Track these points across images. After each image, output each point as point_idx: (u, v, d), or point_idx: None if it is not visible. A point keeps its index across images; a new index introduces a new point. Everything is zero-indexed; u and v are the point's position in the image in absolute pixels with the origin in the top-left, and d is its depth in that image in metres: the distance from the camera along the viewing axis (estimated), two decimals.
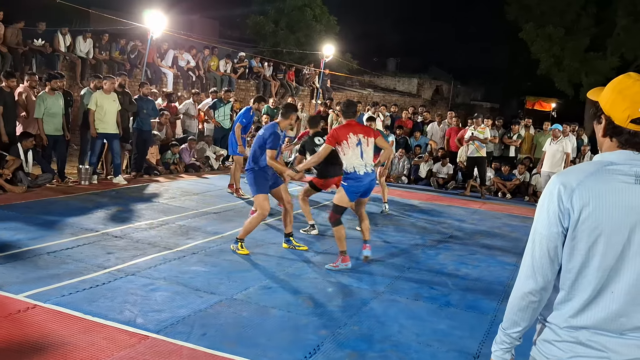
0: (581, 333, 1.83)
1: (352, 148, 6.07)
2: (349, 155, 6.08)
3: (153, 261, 5.91)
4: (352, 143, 6.07)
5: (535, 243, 1.90)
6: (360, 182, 6.12)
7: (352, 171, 6.10)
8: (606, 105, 1.87)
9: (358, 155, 6.08)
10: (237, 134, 9.85)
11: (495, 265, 6.96)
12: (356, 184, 6.12)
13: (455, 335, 4.63)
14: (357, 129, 6.23)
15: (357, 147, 6.08)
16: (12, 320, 4.20)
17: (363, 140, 6.14)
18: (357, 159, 6.08)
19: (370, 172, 6.18)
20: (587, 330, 1.83)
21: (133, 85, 13.97)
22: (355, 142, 6.08)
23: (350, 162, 6.08)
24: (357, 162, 6.08)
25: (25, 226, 6.79)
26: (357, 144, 6.09)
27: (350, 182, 6.13)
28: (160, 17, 13.57)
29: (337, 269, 6.15)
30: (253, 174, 6.45)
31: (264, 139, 6.36)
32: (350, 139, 6.07)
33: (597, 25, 26.76)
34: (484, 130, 12.43)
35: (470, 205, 11.37)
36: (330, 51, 21.29)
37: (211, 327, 4.38)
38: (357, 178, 6.10)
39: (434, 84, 35.66)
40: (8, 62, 11.97)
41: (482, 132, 12.36)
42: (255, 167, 6.44)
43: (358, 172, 6.08)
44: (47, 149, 9.71)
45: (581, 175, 1.83)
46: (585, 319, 1.83)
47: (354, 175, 6.09)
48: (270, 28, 24.63)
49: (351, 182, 6.12)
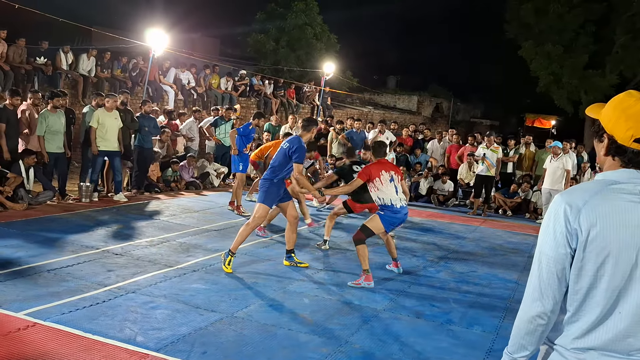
0: (589, 354, 1.80)
1: (386, 184, 6.38)
2: (384, 190, 6.37)
3: (153, 279, 5.89)
4: (385, 180, 6.39)
5: (542, 265, 1.87)
6: (398, 214, 6.41)
7: (389, 204, 6.36)
8: (608, 124, 1.86)
9: (393, 191, 6.39)
10: (232, 137, 10.29)
11: (497, 283, 6.93)
12: (394, 216, 6.41)
13: (458, 354, 4.60)
14: (388, 166, 6.59)
15: (390, 183, 6.41)
16: (11, 339, 4.18)
17: (395, 177, 6.48)
18: (393, 194, 6.37)
19: (405, 206, 6.50)
20: (595, 352, 1.80)
21: (134, 102, 14.04)
22: (388, 178, 6.41)
23: (387, 196, 6.36)
24: (393, 197, 6.37)
25: (26, 243, 6.79)
26: (390, 180, 6.41)
27: (388, 213, 6.39)
28: (162, 35, 13.68)
29: (359, 286, 6.21)
30: (268, 185, 6.54)
31: (288, 152, 6.49)
32: (382, 176, 6.40)
33: (596, 43, 26.92)
34: (497, 150, 12.41)
35: (471, 223, 11.36)
36: (331, 69, 21.41)
37: (212, 345, 4.36)
38: (395, 211, 6.39)
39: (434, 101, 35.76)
40: (10, 80, 12.04)
41: (495, 151, 12.32)
42: (273, 179, 6.53)
43: (395, 205, 6.36)
44: (48, 167, 9.73)
45: (586, 195, 1.81)
46: (593, 340, 1.80)
47: (392, 207, 6.37)
48: (271, 46, 24.78)
49: (389, 213, 6.39)
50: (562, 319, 1.88)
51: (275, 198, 6.62)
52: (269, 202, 6.56)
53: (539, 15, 26.81)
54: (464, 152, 14.09)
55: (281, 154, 6.55)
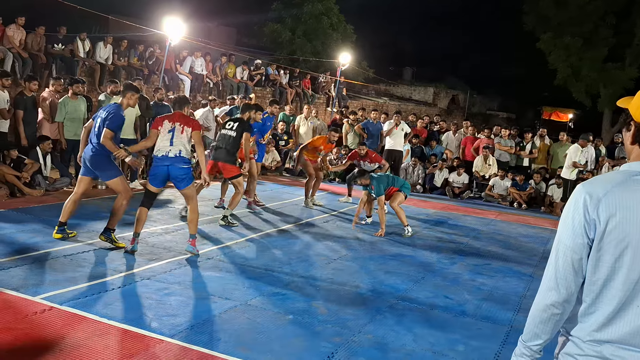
0: (605, 347, 1.78)
1: (164, 134, 6.39)
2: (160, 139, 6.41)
3: (168, 266, 5.93)
4: (164, 129, 6.42)
5: (559, 254, 1.85)
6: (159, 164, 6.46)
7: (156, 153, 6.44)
8: (636, 112, 1.84)
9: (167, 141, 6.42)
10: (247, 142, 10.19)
11: (511, 276, 6.90)
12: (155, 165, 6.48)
13: (471, 346, 4.59)
14: (176, 118, 6.44)
15: (168, 133, 6.39)
16: (28, 322, 4.23)
17: (178, 128, 6.38)
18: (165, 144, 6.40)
19: (166, 156, 6.36)
20: (612, 345, 1.78)
21: (150, 91, 14.08)
22: (168, 128, 6.40)
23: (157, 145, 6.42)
24: (163, 147, 6.39)
25: (43, 229, 6.85)
26: (169, 131, 6.40)
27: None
28: (178, 24, 13.69)
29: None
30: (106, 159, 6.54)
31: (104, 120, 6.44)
32: (164, 126, 6.44)
33: (616, 36, 26.55)
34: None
35: (486, 215, 11.30)
36: (347, 59, 21.32)
37: (225, 332, 4.38)
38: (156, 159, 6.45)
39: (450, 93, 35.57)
40: (28, 68, 12.13)
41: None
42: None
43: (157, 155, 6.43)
44: (66, 153, 9.81)
45: (608, 185, 1.78)
46: (610, 333, 1.78)
47: (155, 157, 6.48)
48: (287, 36, 24.72)
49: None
50: (579, 310, 1.86)
51: (117, 165, 6.76)
52: (119, 172, 6.63)
53: (559, 7, 26.49)
54: (479, 144, 14.00)
55: (96, 129, 6.40)
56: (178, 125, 6.33)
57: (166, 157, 6.27)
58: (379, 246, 7.77)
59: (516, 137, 14.23)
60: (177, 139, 6.29)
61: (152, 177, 6.42)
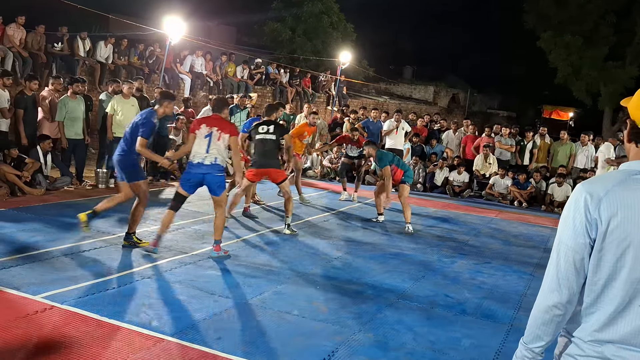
0: (607, 348, 1.77)
1: (200, 138, 6.34)
2: (196, 144, 6.35)
3: (169, 265, 5.94)
4: (201, 134, 6.35)
5: (560, 254, 1.84)
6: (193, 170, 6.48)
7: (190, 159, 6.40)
8: (634, 110, 1.84)
9: (204, 146, 6.37)
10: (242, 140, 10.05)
11: (512, 275, 6.90)
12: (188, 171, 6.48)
13: (471, 344, 4.59)
14: (215, 122, 6.39)
15: (205, 138, 6.33)
16: (29, 321, 4.24)
17: (215, 133, 6.31)
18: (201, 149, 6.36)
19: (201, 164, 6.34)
20: (613, 345, 1.77)
21: (151, 90, 14.08)
22: (204, 133, 6.35)
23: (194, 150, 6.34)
24: (199, 152, 6.36)
25: (43, 228, 6.86)
26: (206, 136, 6.34)
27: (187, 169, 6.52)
28: (178, 23, 13.69)
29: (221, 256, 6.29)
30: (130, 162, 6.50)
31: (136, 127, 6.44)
32: (200, 130, 6.38)
33: (616, 35, 26.54)
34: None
35: (486, 214, 11.30)
36: (347, 58, 21.32)
37: (226, 331, 4.39)
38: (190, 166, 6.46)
39: (451, 92, 35.52)
40: (29, 67, 12.14)
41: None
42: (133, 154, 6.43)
43: (192, 161, 6.40)
44: (66, 153, 9.82)
45: (608, 184, 1.78)
46: (611, 333, 1.77)
47: (190, 163, 6.46)
48: (287, 35, 24.72)
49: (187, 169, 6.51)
50: (580, 311, 1.85)
51: (142, 169, 6.66)
52: (142, 176, 6.56)
53: (559, 6, 26.48)
54: (480, 143, 14.00)
55: (133, 128, 6.36)
56: (215, 130, 6.20)
57: (202, 164, 6.19)
58: (379, 245, 7.77)
59: (516, 136, 14.22)
60: (213, 146, 6.19)
61: (185, 182, 6.33)
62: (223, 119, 6.45)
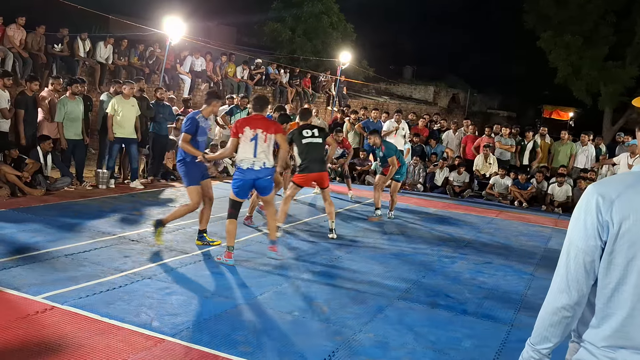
0: (620, 353, 1.75)
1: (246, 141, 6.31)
2: (242, 147, 6.30)
3: (169, 265, 5.94)
4: (247, 137, 6.32)
5: (570, 256, 1.82)
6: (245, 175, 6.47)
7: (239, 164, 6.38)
8: None
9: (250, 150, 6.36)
10: None
11: (512, 275, 6.90)
12: (241, 177, 6.43)
13: (472, 344, 4.59)
14: (259, 123, 6.33)
15: (251, 141, 6.30)
16: (29, 322, 4.24)
17: (261, 135, 6.26)
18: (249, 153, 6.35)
19: (252, 168, 6.31)
20: (626, 350, 1.74)
21: (150, 90, 14.09)
22: (250, 136, 6.30)
23: (241, 154, 6.29)
24: (247, 156, 6.32)
25: (44, 228, 6.86)
26: (252, 139, 6.29)
27: (235, 174, 6.52)
28: (178, 23, 13.69)
29: (226, 263, 6.17)
30: (183, 166, 6.54)
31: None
32: (246, 132, 6.34)
33: (616, 34, 26.54)
34: None
35: (487, 214, 11.30)
36: (347, 58, 21.32)
37: (226, 331, 4.38)
38: (241, 171, 6.43)
39: (451, 92, 35.52)
40: (29, 67, 12.14)
41: None
42: (185, 158, 6.51)
43: (242, 167, 6.37)
44: (66, 153, 9.82)
45: (620, 187, 1.76)
46: (624, 338, 1.74)
47: (239, 168, 6.42)
48: (287, 35, 24.73)
49: (236, 174, 6.50)
50: (591, 314, 1.83)
51: (199, 175, 6.61)
52: (195, 181, 6.54)
53: (559, 6, 26.48)
54: (480, 143, 13.99)
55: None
56: (260, 132, 6.12)
57: (251, 169, 6.15)
58: (379, 245, 7.77)
59: (517, 136, 14.21)
60: (260, 149, 6.12)
61: (239, 190, 6.27)
62: (265, 118, 6.39)
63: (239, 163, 6.20)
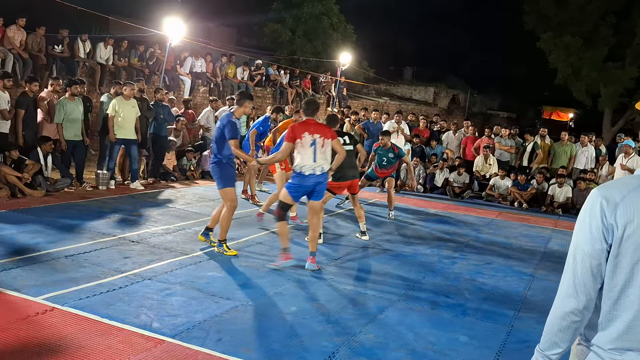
0: (627, 355, 1.75)
1: (306, 147, 6.24)
2: (302, 153, 6.21)
3: (169, 266, 5.94)
4: (306, 142, 6.25)
5: (576, 260, 1.82)
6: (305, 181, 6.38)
7: (299, 170, 6.29)
8: None
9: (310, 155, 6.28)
10: (252, 140, 9.91)
11: (512, 276, 6.90)
12: (300, 183, 6.32)
13: (472, 345, 4.59)
14: (315, 128, 6.28)
15: (310, 147, 6.22)
16: (30, 323, 4.24)
17: (319, 140, 6.20)
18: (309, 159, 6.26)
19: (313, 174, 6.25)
20: (634, 353, 1.74)
21: (150, 91, 14.10)
22: (309, 141, 6.22)
23: (302, 160, 6.19)
24: (308, 162, 6.22)
25: (44, 229, 6.87)
26: (311, 145, 6.19)
27: (295, 179, 6.40)
28: (178, 24, 13.70)
29: (279, 266, 6.17)
30: (218, 168, 6.52)
31: (222, 130, 6.45)
32: (304, 138, 6.26)
33: (616, 35, 26.55)
34: None
35: (487, 215, 11.30)
36: (347, 59, 21.33)
37: (227, 332, 4.39)
38: (302, 177, 6.33)
39: (451, 92, 35.54)
40: (29, 68, 12.14)
41: None
42: (222, 159, 6.49)
43: (304, 172, 6.28)
44: (66, 154, 9.83)
45: (624, 190, 1.76)
46: (630, 340, 1.74)
47: (300, 174, 6.33)
48: (287, 36, 24.73)
49: (295, 179, 6.39)
50: (597, 317, 1.82)
51: (233, 176, 6.60)
52: (231, 183, 6.53)
53: (559, 7, 26.50)
54: (480, 144, 14.00)
55: (217, 133, 6.46)
56: (318, 137, 6.07)
57: (313, 175, 6.09)
58: (379, 246, 7.78)
59: (516, 137, 14.22)
60: (319, 154, 6.08)
61: (295, 192, 6.22)
62: (319, 122, 6.37)
63: (299, 169, 6.11)
